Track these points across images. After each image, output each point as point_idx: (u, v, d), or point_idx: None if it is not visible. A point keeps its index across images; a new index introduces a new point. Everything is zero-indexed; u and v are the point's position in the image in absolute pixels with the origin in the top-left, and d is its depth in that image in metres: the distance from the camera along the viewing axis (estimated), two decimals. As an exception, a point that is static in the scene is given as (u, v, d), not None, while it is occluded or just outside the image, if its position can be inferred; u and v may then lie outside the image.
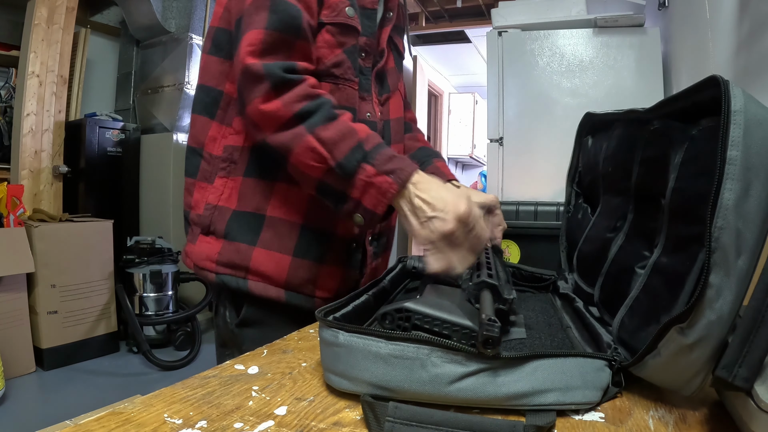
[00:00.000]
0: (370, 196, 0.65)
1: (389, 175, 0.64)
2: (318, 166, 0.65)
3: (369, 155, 0.64)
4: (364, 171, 0.64)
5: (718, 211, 0.36)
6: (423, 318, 0.47)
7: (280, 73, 0.65)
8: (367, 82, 0.80)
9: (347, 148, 0.64)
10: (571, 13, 1.81)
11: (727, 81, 0.39)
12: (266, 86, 0.65)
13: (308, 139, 0.64)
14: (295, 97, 0.65)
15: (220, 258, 0.75)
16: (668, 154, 0.50)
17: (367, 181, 0.64)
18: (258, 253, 0.74)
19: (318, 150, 0.64)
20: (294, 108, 0.65)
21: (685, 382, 0.41)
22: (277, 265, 0.74)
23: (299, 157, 0.65)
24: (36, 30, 2.79)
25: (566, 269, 0.84)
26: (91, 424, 0.38)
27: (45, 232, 2.44)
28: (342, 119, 0.66)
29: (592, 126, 0.84)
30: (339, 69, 0.74)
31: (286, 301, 0.75)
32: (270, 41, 0.65)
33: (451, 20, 4.33)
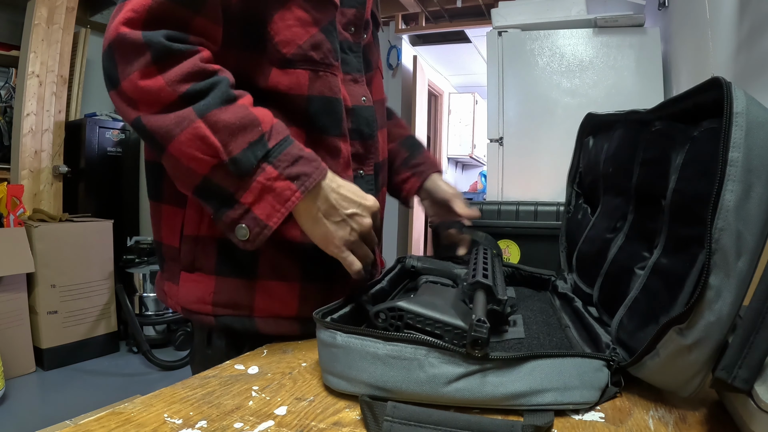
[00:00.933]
0: (265, 203, 0.53)
1: (293, 181, 0.54)
2: (205, 159, 0.52)
3: (272, 153, 0.54)
4: (263, 172, 0.53)
5: (719, 213, 0.36)
6: (415, 317, 0.47)
7: (163, 41, 0.51)
8: (358, 62, 0.70)
9: (246, 141, 0.52)
10: (571, 13, 1.81)
11: (729, 83, 0.39)
12: (147, 58, 0.51)
13: (197, 125, 0.51)
14: (183, 73, 0.52)
15: (216, 299, 0.62)
16: (669, 155, 0.50)
17: (265, 184, 0.53)
18: (262, 287, 0.63)
19: (209, 140, 0.51)
20: (180, 87, 0.52)
21: (683, 383, 0.41)
22: (285, 296, 0.63)
23: (183, 146, 0.52)
24: (36, 30, 2.79)
25: (565, 269, 0.84)
26: (91, 424, 0.38)
27: (45, 232, 2.44)
28: (241, 102, 0.54)
29: (593, 126, 0.84)
30: (318, 52, 0.61)
31: (300, 333, 0.64)
32: (157, 10, 0.52)
33: (451, 20, 4.33)
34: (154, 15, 0.52)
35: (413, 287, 0.82)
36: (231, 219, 0.54)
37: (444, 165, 5.76)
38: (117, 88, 0.54)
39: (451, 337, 0.46)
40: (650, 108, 0.58)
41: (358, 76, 0.70)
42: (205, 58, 0.54)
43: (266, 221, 0.54)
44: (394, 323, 0.48)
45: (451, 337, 0.45)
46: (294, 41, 0.60)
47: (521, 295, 0.81)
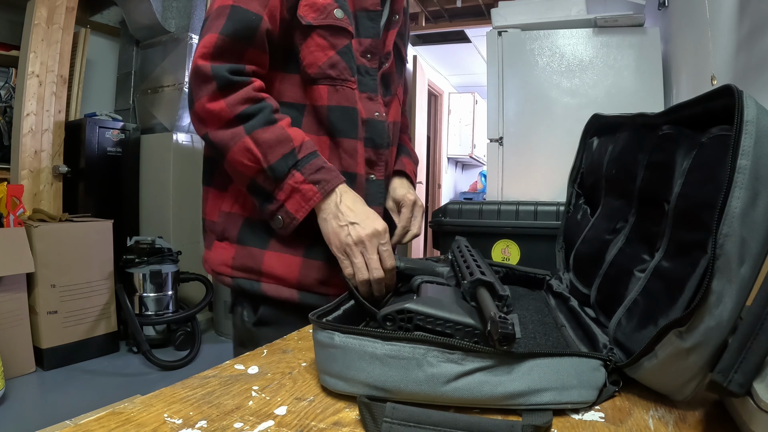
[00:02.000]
0: (294, 200, 0.70)
1: (315, 185, 0.70)
2: (251, 166, 0.70)
3: (300, 163, 0.70)
4: (293, 177, 0.70)
5: (725, 219, 0.36)
6: (425, 318, 0.47)
7: (226, 75, 0.68)
8: (374, 83, 0.82)
9: (280, 153, 0.69)
10: (571, 13, 1.81)
11: (741, 91, 0.39)
12: (213, 86, 0.69)
13: (246, 140, 0.69)
14: (239, 99, 0.69)
15: (234, 263, 0.78)
16: (675, 159, 0.50)
17: (294, 186, 0.70)
18: (269, 256, 0.77)
19: (253, 151, 0.69)
20: (236, 109, 0.69)
21: (679, 386, 0.41)
22: (288, 266, 0.76)
23: (235, 155, 0.70)
24: (36, 30, 2.79)
25: (562, 269, 0.84)
26: (91, 424, 0.38)
27: (45, 232, 2.44)
28: (280, 124, 0.71)
29: (598, 127, 0.84)
30: (334, 70, 0.76)
31: (300, 300, 0.77)
32: (221, 45, 0.69)
33: (451, 20, 4.33)
34: (219, 49, 0.69)
35: (408, 289, 0.82)
36: (270, 211, 0.72)
37: (444, 165, 5.76)
38: (192, 108, 0.72)
39: (462, 336, 0.46)
40: (658, 112, 0.58)
41: (373, 95, 0.82)
42: (257, 87, 0.71)
43: (295, 214, 0.71)
44: (404, 326, 0.48)
45: (462, 336, 0.45)
46: (315, 63, 0.75)
47: (516, 294, 0.81)
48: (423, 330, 0.47)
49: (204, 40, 0.69)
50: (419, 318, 0.47)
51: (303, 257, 0.77)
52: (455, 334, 0.46)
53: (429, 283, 0.63)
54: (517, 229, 1.26)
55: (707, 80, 1.24)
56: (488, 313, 0.44)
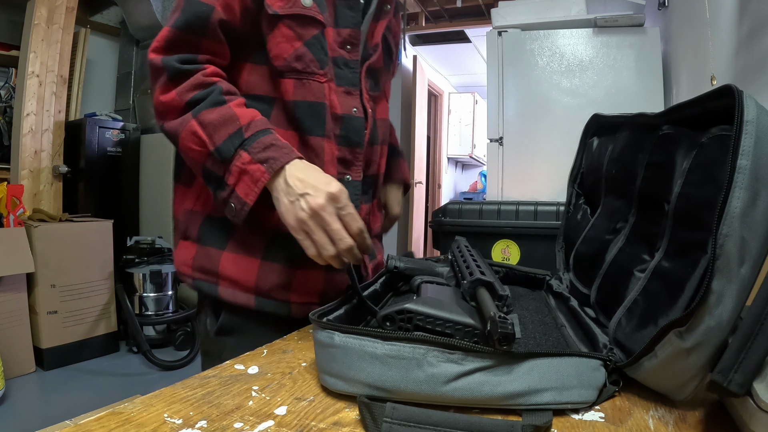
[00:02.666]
0: (243, 183, 0.65)
1: (263, 164, 0.64)
2: (199, 150, 0.66)
3: (247, 142, 0.65)
4: (240, 157, 0.64)
5: (725, 219, 0.36)
6: (425, 318, 0.47)
7: (175, 65, 0.66)
8: (354, 76, 0.76)
9: (226, 133, 0.65)
10: (571, 12, 1.81)
11: (741, 91, 0.39)
12: (164, 78, 0.67)
13: (191, 123, 0.66)
14: (188, 86, 0.66)
15: (194, 263, 0.74)
16: (676, 159, 0.50)
17: (241, 168, 0.64)
18: (226, 257, 0.72)
19: (199, 134, 0.65)
20: (186, 97, 0.66)
21: (679, 386, 0.41)
22: (245, 269, 0.72)
23: (184, 141, 0.66)
24: (36, 30, 2.79)
25: (562, 269, 0.84)
26: (91, 424, 0.38)
27: (45, 232, 2.44)
28: (229, 105, 0.66)
29: (598, 127, 0.84)
30: (300, 62, 0.71)
31: (257, 307, 0.72)
32: (172, 38, 0.67)
33: (451, 20, 4.33)
34: (171, 42, 0.67)
35: (408, 289, 0.82)
36: (222, 198, 0.67)
37: (444, 165, 5.75)
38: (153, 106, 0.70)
39: (462, 336, 0.46)
40: (658, 112, 0.58)
41: (353, 89, 0.76)
42: (208, 72, 0.68)
43: (245, 199, 0.65)
44: (404, 326, 0.47)
45: (462, 336, 0.45)
46: (281, 55, 0.71)
47: (516, 294, 0.81)
48: (423, 330, 0.47)
49: (160, 33, 0.68)
50: (419, 318, 0.47)
51: (261, 260, 0.72)
52: (455, 334, 0.46)
53: (429, 283, 0.63)
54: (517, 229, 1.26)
55: (707, 80, 1.24)
56: (488, 313, 0.44)
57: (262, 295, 0.72)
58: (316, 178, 0.63)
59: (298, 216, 0.62)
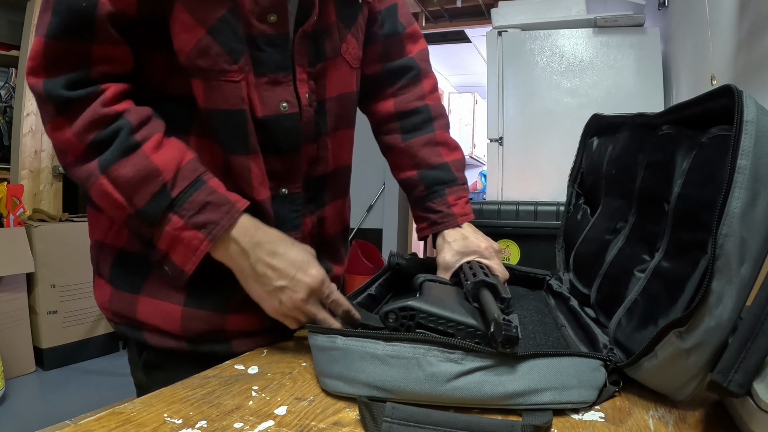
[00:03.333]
0: (178, 251, 0.54)
1: (201, 230, 0.53)
2: (117, 212, 0.54)
3: (176, 203, 0.53)
4: (170, 222, 0.53)
5: (725, 219, 0.36)
6: (428, 317, 0.47)
7: (61, 93, 0.50)
8: (284, 57, 0.58)
9: (148, 194, 0.52)
10: (571, 12, 1.81)
11: (741, 91, 0.39)
12: (51, 110, 0.52)
13: (101, 181, 0.52)
14: (85, 124, 0.51)
15: (110, 306, 0.63)
16: (675, 159, 0.50)
17: (174, 234, 0.53)
18: (143, 303, 0.60)
19: (113, 196, 0.52)
20: (86, 138, 0.51)
21: (679, 386, 0.41)
22: (166, 317, 0.60)
23: (97, 199, 0.54)
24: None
25: (562, 269, 0.84)
26: (91, 424, 0.38)
27: (45, 232, 2.44)
28: (143, 150, 0.52)
29: (598, 127, 0.84)
30: (205, 59, 0.54)
31: (189, 350, 0.61)
32: (50, 53, 0.50)
33: (451, 20, 4.33)
34: (51, 58, 0.50)
35: (410, 287, 0.82)
36: (156, 260, 0.56)
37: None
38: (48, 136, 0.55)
39: (463, 336, 0.46)
40: (658, 112, 0.58)
41: (282, 75, 0.58)
42: (108, 99, 0.52)
43: (182, 267, 0.54)
44: (405, 323, 0.47)
45: (464, 336, 0.45)
46: (182, 49, 0.54)
47: (516, 294, 0.81)
48: (425, 328, 0.47)
49: (31, 49, 0.51)
50: (422, 316, 0.47)
51: (183, 306, 0.60)
52: (457, 333, 0.46)
53: (431, 282, 0.63)
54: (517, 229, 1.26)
55: (707, 80, 1.24)
56: (491, 315, 0.44)
57: (194, 341, 0.61)
58: (289, 262, 0.54)
59: (278, 309, 0.55)
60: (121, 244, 0.61)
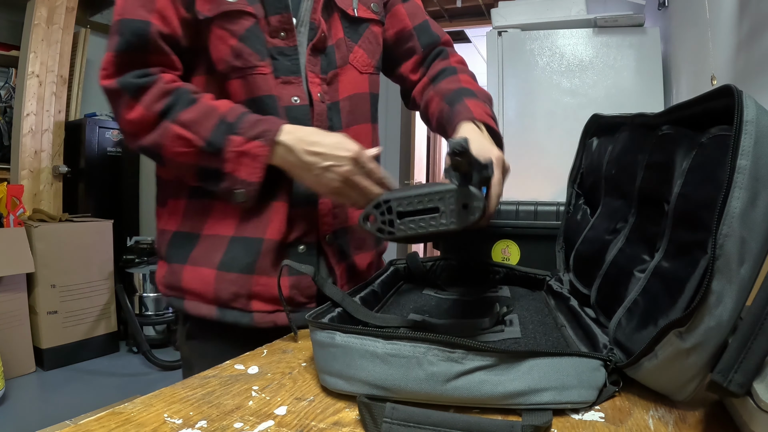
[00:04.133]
0: (244, 166, 0.66)
1: (258, 139, 0.65)
2: (189, 151, 0.66)
3: (233, 126, 0.66)
4: (232, 143, 0.65)
5: (725, 219, 0.36)
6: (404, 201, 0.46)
7: (133, 81, 0.66)
8: (293, 64, 0.73)
9: (211, 125, 0.65)
10: (571, 13, 1.81)
11: (741, 91, 0.39)
12: (126, 97, 0.66)
13: (173, 128, 0.65)
14: (154, 97, 0.66)
15: (165, 281, 0.75)
16: (675, 159, 0.50)
17: (237, 151, 0.65)
18: (188, 271, 0.72)
19: (184, 135, 0.65)
20: (156, 108, 0.66)
21: (679, 386, 0.41)
22: (204, 281, 0.71)
23: (169, 148, 0.66)
24: (36, 30, 2.79)
25: (562, 269, 0.84)
26: (91, 424, 0.38)
27: (45, 232, 2.44)
28: (202, 101, 0.67)
29: (598, 128, 0.84)
30: (239, 60, 0.70)
31: (218, 318, 0.71)
32: (119, 61, 0.66)
33: (451, 20, 4.33)
34: (118, 65, 0.66)
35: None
36: (227, 189, 0.67)
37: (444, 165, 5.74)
38: (122, 130, 0.70)
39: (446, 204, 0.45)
40: (658, 112, 0.58)
41: (293, 78, 0.73)
42: (167, 80, 0.67)
43: (250, 179, 0.66)
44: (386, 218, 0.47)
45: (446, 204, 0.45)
46: (221, 58, 0.70)
47: (516, 294, 0.81)
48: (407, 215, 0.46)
49: (103, 60, 0.67)
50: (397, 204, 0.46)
51: (216, 269, 0.70)
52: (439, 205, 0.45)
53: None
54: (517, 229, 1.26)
55: (707, 80, 1.24)
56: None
57: (223, 305, 0.71)
58: (327, 144, 0.65)
59: (331, 187, 0.65)
60: (174, 227, 0.75)
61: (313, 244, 0.74)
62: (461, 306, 0.73)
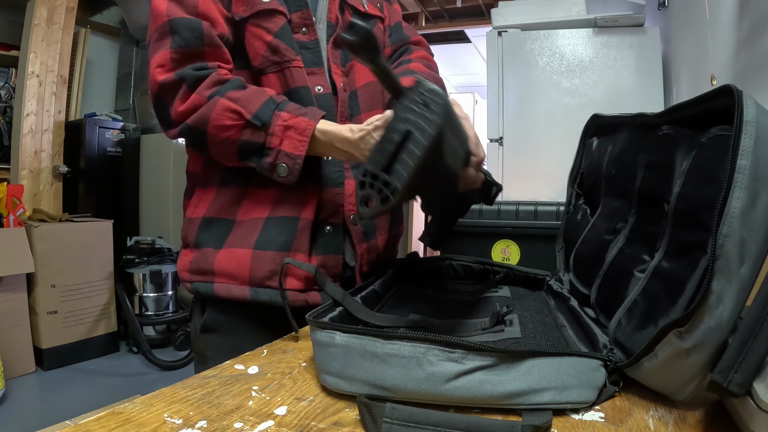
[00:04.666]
0: (289, 139, 0.68)
1: (304, 116, 0.68)
2: (236, 124, 0.68)
3: (281, 105, 0.69)
4: (279, 117, 0.68)
5: (725, 219, 0.36)
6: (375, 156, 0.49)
7: (192, 72, 0.69)
8: (316, 56, 0.78)
9: (260, 102, 0.68)
10: (571, 13, 1.81)
11: (741, 91, 0.39)
12: (183, 88, 0.69)
13: (222, 101, 0.68)
14: (207, 84, 0.69)
15: (191, 267, 0.76)
16: (675, 159, 0.50)
17: (284, 125, 0.68)
18: (222, 254, 0.74)
19: (232, 107, 0.67)
20: (207, 93, 0.68)
21: (679, 386, 0.41)
22: (239, 261, 0.73)
23: (216, 121, 0.68)
24: (36, 30, 2.79)
25: (562, 269, 0.84)
26: (91, 424, 0.38)
27: (45, 232, 2.44)
28: (251, 87, 0.71)
29: (597, 128, 0.84)
30: (277, 55, 0.74)
31: (251, 298, 0.73)
32: (178, 57, 0.69)
33: (451, 20, 4.33)
34: (177, 61, 0.69)
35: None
36: (269, 164, 0.69)
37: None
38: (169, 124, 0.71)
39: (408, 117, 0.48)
40: (658, 112, 0.58)
41: (317, 68, 0.78)
42: (223, 73, 0.71)
43: (295, 152, 0.68)
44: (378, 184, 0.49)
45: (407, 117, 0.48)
46: (258, 53, 0.74)
47: (516, 294, 0.81)
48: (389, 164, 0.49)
49: (156, 59, 0.69)
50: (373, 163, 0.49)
51: (253, 249, 0.73)
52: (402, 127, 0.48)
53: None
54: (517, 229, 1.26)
55: (707, 80, 1.24)
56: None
57: (257, 285, 0.73)
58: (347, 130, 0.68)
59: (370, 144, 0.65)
60: (203, 214, 0.77)
61: (339, 225, 0.78)
62: (461, 306, 0.73)
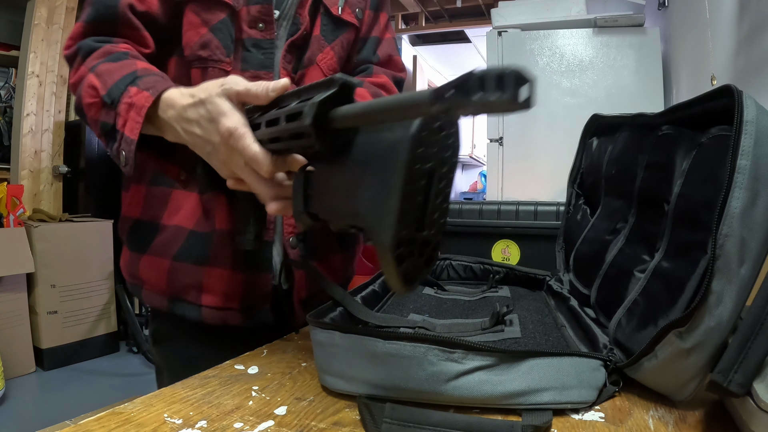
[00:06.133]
0: (130, 121, 0.55)
1: (148, 91, 0.55)
2: (94, 102, 0.59)
3: (138, 79, 0.57)
4: (128, 93, 0.56)
5: (725, 219, 0.36)
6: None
7: (90, 43, 0.62)
8: (267, 58, 0.69)
9: (119, 76, 0.58)
10: (571, 13, 1.81)
11: (741, 91, 0.39)
12: (78, 60, 0.63)
13: (89, 77, 0.60)
14: (97, 55, 0.61)
15: (126, 268, 0.74)
16: (675, 160, 0.50)
17: (128, 102, 0.56)
18: (144, 261, 0.70)
19: (94, 84, 0.59)
20: (92, 64, 0.60)
21: (679, 386, 0.41)
22: (158, 270, 0.69)
23: (82, 100, 0.60)
24: (36, 30, 2.79)
25: (562, 269, 0.84)
26: (91, 424, 0.38)
27: (45, 232, 2.44)
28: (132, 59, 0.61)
29: (598, 128, 0.84)
30: (205, 50, 0.66)
31: (169, 309, 0.69)
32: (85, 31, 0.64)
33: (451, 20, 4.33)
34: (84, 33, 0.64)
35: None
36: (116, 150, 0.58)
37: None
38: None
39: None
40: (658, 112, 0.58)
41: (262, 72, 0.68)
42: (119, 42, 0.64)
43: (130, 135, 0.55)
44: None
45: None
46: (189, 44, 0.67)
47: (516, 294, 0.81)
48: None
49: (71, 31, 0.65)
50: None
51: (172, 260, 0.68)
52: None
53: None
54: (517, 229, 1.26)
55: (707, 80, 1.24)
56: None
57: (175, 296, 0.69)
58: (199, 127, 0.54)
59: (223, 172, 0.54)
60: (136, 214, 0.72)
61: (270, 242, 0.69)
62: (461, 306, 0.73)
